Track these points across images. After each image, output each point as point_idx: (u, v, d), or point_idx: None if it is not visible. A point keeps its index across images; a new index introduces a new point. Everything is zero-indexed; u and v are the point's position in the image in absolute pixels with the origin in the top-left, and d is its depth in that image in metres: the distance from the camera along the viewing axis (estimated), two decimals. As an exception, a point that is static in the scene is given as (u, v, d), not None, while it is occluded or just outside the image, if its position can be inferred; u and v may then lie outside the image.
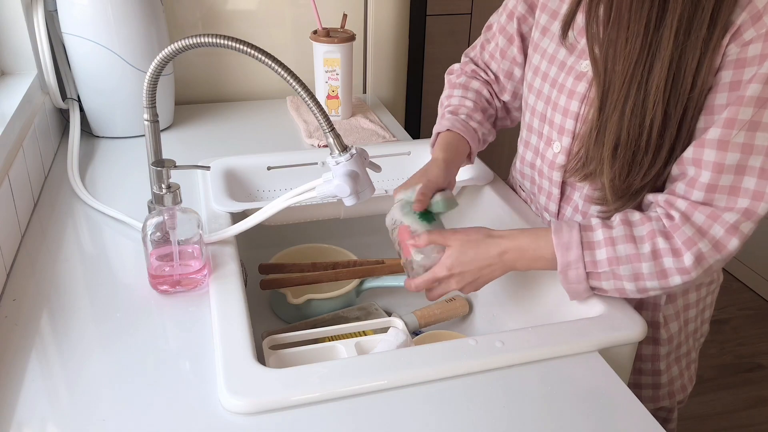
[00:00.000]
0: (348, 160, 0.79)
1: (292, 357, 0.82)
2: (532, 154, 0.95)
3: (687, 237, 0.75)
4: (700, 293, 0.95)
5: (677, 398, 0.98)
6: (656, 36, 0.72)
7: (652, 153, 0.77)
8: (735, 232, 0.74)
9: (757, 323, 2.31)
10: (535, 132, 0.94)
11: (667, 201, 0.78)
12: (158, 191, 0.82)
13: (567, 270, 0.79)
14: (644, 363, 0.95)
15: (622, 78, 0.75)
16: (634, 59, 0.74)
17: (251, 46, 0.75)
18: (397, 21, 1.59)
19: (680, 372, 0.98)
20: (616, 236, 0.77)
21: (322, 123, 0.78)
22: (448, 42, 2.66)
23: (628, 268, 0.77)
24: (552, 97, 0.88)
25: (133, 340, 0.77)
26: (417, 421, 0.66)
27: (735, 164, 0.73)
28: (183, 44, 0.78)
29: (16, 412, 0.67)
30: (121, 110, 1.29)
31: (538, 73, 0.91)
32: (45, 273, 0.88)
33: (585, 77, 0.84)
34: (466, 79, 1.05)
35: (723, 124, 0.73)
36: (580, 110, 0.85)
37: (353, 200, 0.81)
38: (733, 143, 0.72)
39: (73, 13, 1.20)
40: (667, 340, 0.93)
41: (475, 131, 0.99)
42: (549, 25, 0.91)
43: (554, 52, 0.89)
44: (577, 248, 0.78)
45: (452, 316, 1.02)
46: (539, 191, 0.96)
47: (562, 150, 0.88)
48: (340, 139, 0.79)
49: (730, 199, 0.74)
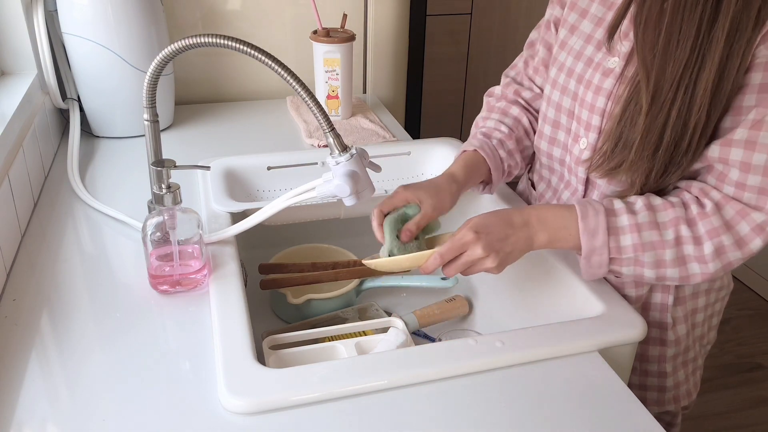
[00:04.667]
0: (348, 160, 0.79)
1: (292, 357, 0.82)
2: (560, 150, 0.95)
3: (712, 227, 0.76)
4: (709, 298, 0.95)
5: (682, 403, 0.98)
6: (707, 38, 0.72)
7: (691, 154, 0.78)
8: (761, 232, 0.75)
9: (757, 323, 2.32)
10: (562, 128, 0.93)
11: (702, 189, 0.78)
12: (158, 191, 0.82)
13: (591, 255, 0.79)
14: (650, 364, 0.94)
15: (672, 81, 0.74)
16: (684, 62, 0.73)
17: (251, 46, 0.75)
18: (397, 21, 1.59)
19: (686, 377, 0.97)
20: (641, 222, 0.78)
21: (322, 123, 0.78)
22: (448, 42, 2.66)
23: (652, 254, 0.77)
24: (579, 93, 0.88)
25: (133, 340, 0.77)
26: (417, 421, 0.66)
27: (763, 165, 0.74)
28: (183, 44, 0.78)
29: (16, 412, 0.67)
30: (121, 110, 1.29)
31: (564, 69, 0.91)
32: (45, 273, 0.88)
33: (612, 73, 0.84)
34: (506, 104, 1.03)
35: (750, 126, 0.74)
36: (606, 107, 0.84)
37: (353, 200, 0.81)
38: (761, 144, 0.74)
39: (73, 13, 1.20)
40: (674, 341, 0.93)
41: (501, 161, 0.98)
42: (578, 23, 0.91)
43: (581, 49, 0.89)
44: (603, 234, 0.78)
45: (452, 316, 1.02)
46: (566, 187, 0.96)
47: (588, 146, 0.87)
48: (340, 139, 0.79)
49: (761, 199, 0.75)
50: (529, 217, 0.81)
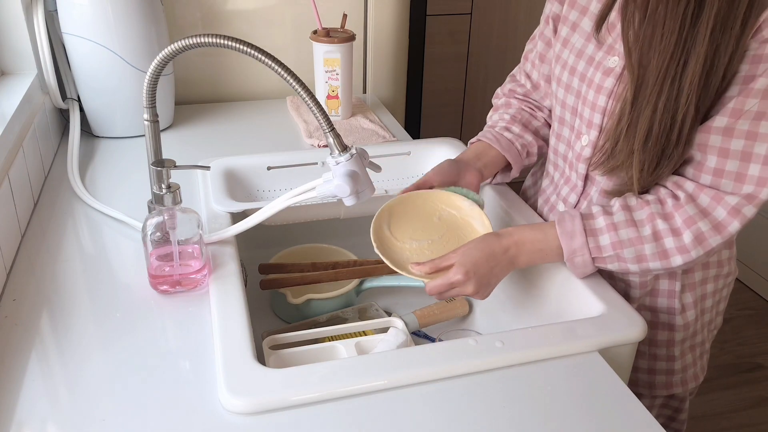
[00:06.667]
0: (348, 160, 0.79)
1: (292, 357, 0.82)
2: (564, 146, 0.97)
3: (687, 216, 0.79)
4: (717, 284, 0.96)
5: (689, 386, 1.00)
6: (692, 33, 0.74)
7: (682, 146, 0.79)
8: (737, 214, 0.78)
9: (757, 323, 2.31)
10: (567, 125, 0.95)
11: (676, 183, 0.81)
12: (158, 191, 0.82)
13: (573, 257, 0.83)
14: (659, 348, 0.96)
15: (656, 73, 0.76)
16: (668, 55, 0.75)
17: (251, 46, 0.75)
18: (397, 21, 1.59)
19: (694, 360, 0.99)
20: (618, 222, 0.81)
21: (321, 123, 0.78)
22: (448, 42, 2.66)
23: (632, 251, 0.81)
24: (582, 91, 0.90)
25: (133, 340, 0.77)
26: (417, 421, 0.66)
27: (740, 150, 0.76)
28: (183, 44, 0.78)
29: (16, 412, 0.67)
30: (121, 110, 1.29)
31: (567, 67, 0.93)
32: (45, 273, 0.88)
33: (612, 73, 0.85)
34: (506, 99, 1.09)
35: (730, 114, 0.76)
36: (608, 105, 0.86)
37: (353, 200, 0.81)
38: (738, 130, 0.76)
39: (73, 13, 1.20)
40: (683, 326, 0.94)
41: (510, 142, 1.02)
42: (579, 20, 0.92)
43: (582, 47, 0.91)
44: (580, 235, 0.82)
45: (452, 316, 1.02)
46: (566, 182, 0.98)
47: (589, 143, 0.90)
48: (340, 138, 0.79)
49: (736, 186, 0.78)
50: (508, 244, 0.84)
